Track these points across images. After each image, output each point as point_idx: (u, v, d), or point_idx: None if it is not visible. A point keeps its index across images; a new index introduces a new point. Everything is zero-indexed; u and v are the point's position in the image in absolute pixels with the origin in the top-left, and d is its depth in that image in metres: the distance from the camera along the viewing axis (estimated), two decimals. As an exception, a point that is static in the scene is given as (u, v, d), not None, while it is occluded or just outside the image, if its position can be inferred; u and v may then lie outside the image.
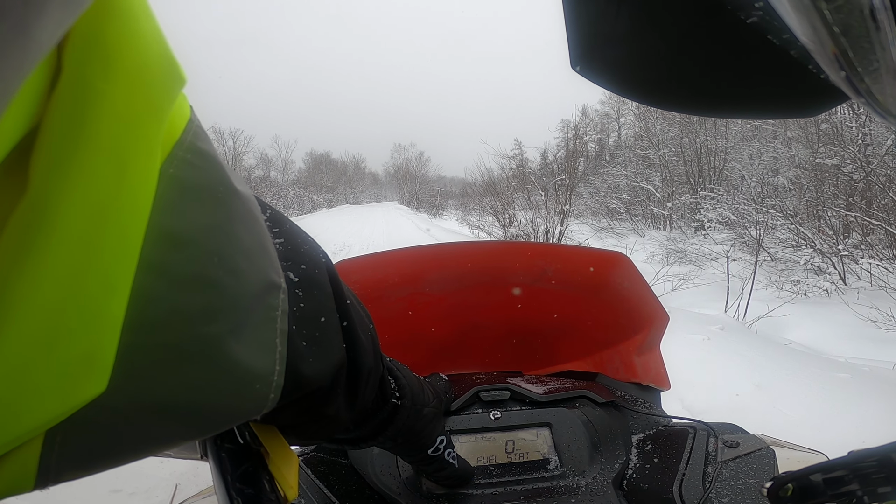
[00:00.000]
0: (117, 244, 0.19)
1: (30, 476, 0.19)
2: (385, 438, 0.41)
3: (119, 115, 0.18)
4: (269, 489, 0.30)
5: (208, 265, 0.22)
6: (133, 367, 0.20)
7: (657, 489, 0.50)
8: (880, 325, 4.44)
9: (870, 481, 0.33)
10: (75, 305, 0.18)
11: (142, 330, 0.20)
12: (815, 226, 7.80)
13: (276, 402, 0.26)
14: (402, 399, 0.41)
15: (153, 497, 1.62)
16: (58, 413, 0.18)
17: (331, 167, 66.70)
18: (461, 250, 0.71)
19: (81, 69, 0.18)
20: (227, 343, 0.23)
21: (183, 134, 0.22)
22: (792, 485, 0.36)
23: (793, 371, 2.76)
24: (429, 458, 0.47)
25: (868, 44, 0.15)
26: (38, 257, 0.17)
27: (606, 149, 28.20)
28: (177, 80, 0.21)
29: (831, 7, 0.15)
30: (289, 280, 0.28)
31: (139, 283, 0.20)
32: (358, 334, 0.33)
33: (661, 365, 0.72)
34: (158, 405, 0.21)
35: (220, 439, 0.32)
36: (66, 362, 0.18)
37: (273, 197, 31.44)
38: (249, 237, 0.25)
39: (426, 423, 0.44)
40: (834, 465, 0.35)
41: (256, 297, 0.24)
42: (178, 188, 0.21)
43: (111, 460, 0.21)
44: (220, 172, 0.24)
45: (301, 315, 0.28)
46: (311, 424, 0.33)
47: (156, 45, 0.20)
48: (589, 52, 0.25)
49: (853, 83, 0.17)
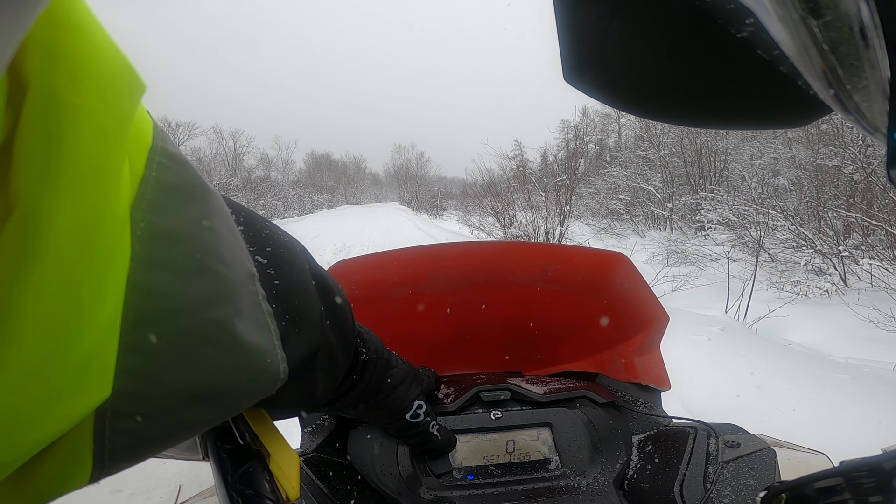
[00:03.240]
0: (105, 249, 0.20)
1: (86, 469, 0.20)
2: (357, 396, 0.43)
3: (94, 127, 0.19)
4: (269, 489, 0.30)
5: (204, 257, 0.24)
6: (160, 356, 0.21)
7: (658, 489, 0.50)
8: (881, 326, 4.43)
9: (862, 491, 0.33)
10: (74, 313, 0.18)
11: (158, 321, 0.21)
12: (816, 226, 7.80)
13: (288, 373, 0.28)
14: (367, 353, 0.43)
15: (154, 497, 1.62)
16: (66, 419, 0.19)
17: (331, 167, 66.74)
18: (461, 250, 0.71)
19: (49, 83, 0.18)
20: (233, 324, 0.24)
21: (154, 139, 0.24)
22: (786, 494, 0.37)
23: (793, 372, 2.76)
24: (409, 424, 0.49)
25: (857, 61, 0.15)
26: (35, 270, 0.17)
27: (607, 149, 28.21)
28: (138, 88, 0.22)
29: (820, 24, 0.15)
30: (258, 264, 0.29)
31: (144, 279, 0.21)
32: (334, 296, 0.35)
33: (662, 365, 0.72)
34: (188, 389, 0.22)
35: (220, 440, 0.32)
36: (68, 370, 0.18)
37: (273, 197, 31.44)
38: (226, 230, 0.27)
39: (396, 382, 0.46)
40: (827, 475, 0.35)
41: (243, 284, 0.26)
42: (162, 190, 0.23)
43: (155, 447, 0.23)
44: (192, 172, 0.26)
45: (278, 293, 0.30)
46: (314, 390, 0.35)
47: (114, 55, 0.21)
48: (581, 66, 0.25)
49: (842, 100, 0.17)
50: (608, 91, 0.27)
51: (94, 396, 0.19)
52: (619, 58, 0.24)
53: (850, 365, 3.17)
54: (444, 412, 0.57)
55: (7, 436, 0.17)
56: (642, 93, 0.26)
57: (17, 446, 0.18)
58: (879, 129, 0.17)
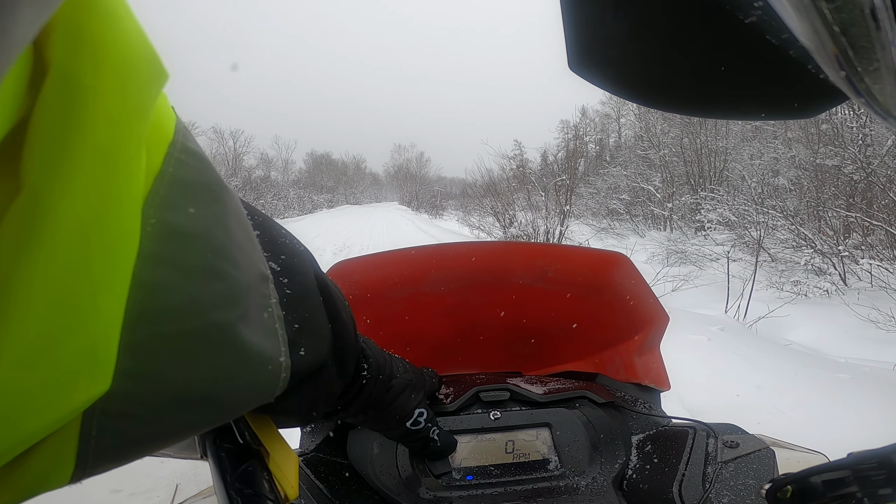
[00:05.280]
0: (112, 241, 0.19)
1: (67, 469, 0.20)
2: (357, 409, 0.43)
3: (109, 112, 0.19)
4: (269, 489, 0.30)
5: (214, 258, 0.23)
6: (157, 357, 0.21)
7: (657, 489, 0.50)
8: (880, 326, 4.43)
9: (870, 483, 0.32)
10: (75, 302, 0.18)
11: (160, 319, 0.21)
12: (816, 226, 7.79)
13: (288, 381, 0.28)
14: (369, 368, 0.43)
15: (153, 497, 1.62)
16: (64, 411, 0.18)
17: (331, 167, 66.73)
18: (461, 250, 0.71)
19: (70, 65, 0.18)
20: (238, 329, 0.24)
21: (175, 134, 0.23)
22: (791, 487, 0.36)
23: (793, 372, 2.76)
24: (410, 431, 0.48)
25: (868, 43, 0.15)
26: (37, 255, 0.17)
27: (606, 149, 28.19)
28: (160, 77, 0.22)
29: (831, 7, 0.15)
30: (272, 270, 0.29)
31: (151, 276, 0.20)
32: (340, 312, 0.35)
33: (662, 365, 0.72)
34: (182, 392, 0.22)
35: (219, 439, 0.32)
36: (69, 359, 0.18)
37: (273, 197, 31.42)
38: (241, 231, 0.26)
39: (396, 393, 0.46)
40: (833, 467, 0.34)
41: (254, 288, 0.26)
42: (178, 187, 0.22)
43: (143, 448, 0.22)
44: (211, 171, 0.25)
45: (289, 301, 0.29)
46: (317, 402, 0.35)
47: (139, 41, 0.21)
48: (587, 54, 0.25)
49: (853, 83, 0.16)
50: (613, 80, 0.26)
51: (93, 389, 0.19)
52: (624, 45, 0.24)
53: (850, 365, 3.17)
54: (444, 412, 0.57)
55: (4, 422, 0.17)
56: (648, 81, 0.26)
57: (14, 435, 0.17)
58: (891, 112, 0.17)
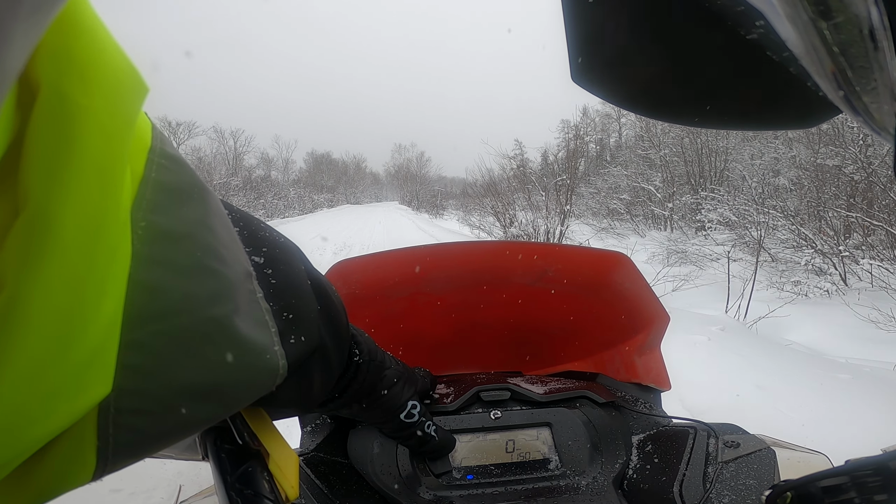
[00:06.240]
0: (109, 247, 0.20)
1: (89, 466, 0.21)
2: (351, 397, 0.44)
3: (101, 128, 0.20)
4: (269, 489, 0.30)
5: (204, 256, 0.24)
6: (161, 353, 0.22)
7: (657, 489, 0.50)
8: (881, 326, 4.43)
9: (867, 489, 0.33)
10: (78, 310, 0.19)
11: (160, 317, 0.22)
12: (816, 226, 7.79)
13: (287, 370, 0.29)
14: (361, 354, 0.43)
15: (154, 497, 1.62)
16: (69, 416, 0.19)
17: (331, 167, 66.73)
18: (461, 250, 0.71)
19: (60, 84, 0.19)
20: (233, 322, 0.25)
21: (153, 140, 0.25)
22: (790, 493, 0.36)
23: (793, 372, 2.76)
24: (404, 424, 0.49)
25: (866, 63, 0.15)
26: (43, 268, 0.18)
27: (607, 149, 28.20)
28: (142, 90, 0.23)
29: (830, 26, 0.15)
30: (255, 264, 0.30)
31: (147, 276, 0.21)
32: (329, 295, 0.36)
33: (662, 365, 0.72)
34: (189, 385, 0.23)
35: (219, 439, 0.32)
36: (72, 366, 0.19)
37: (274, 196, 31.45)
38: (224, 230, 0.27)
39: (389, 383, 0.47)
40: (832, 473, 0.35)
41: (241, 283, 0.27)
42: (162, 190, 0.23)
43: (157, 443, 0.23)
44: (191, 174, 0.26)
45: (275, 291, 0.30)
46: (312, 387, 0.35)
47: (120, 58, 0.22)
48: (589, 66, 0.26)
49: (851, 101, 0.17)
50: (616, 92, 0.27)
51: (95, 393, 0.20)
52: (627, 59, 0.25)
53: (851, 365, 3.17)
54: (444, 412, 0.57)
55: (10, 432, 0.17)
56: (650, 94, 0.26)
57: (20, 442, 0.18)
58: (888, 129, 0.17)
